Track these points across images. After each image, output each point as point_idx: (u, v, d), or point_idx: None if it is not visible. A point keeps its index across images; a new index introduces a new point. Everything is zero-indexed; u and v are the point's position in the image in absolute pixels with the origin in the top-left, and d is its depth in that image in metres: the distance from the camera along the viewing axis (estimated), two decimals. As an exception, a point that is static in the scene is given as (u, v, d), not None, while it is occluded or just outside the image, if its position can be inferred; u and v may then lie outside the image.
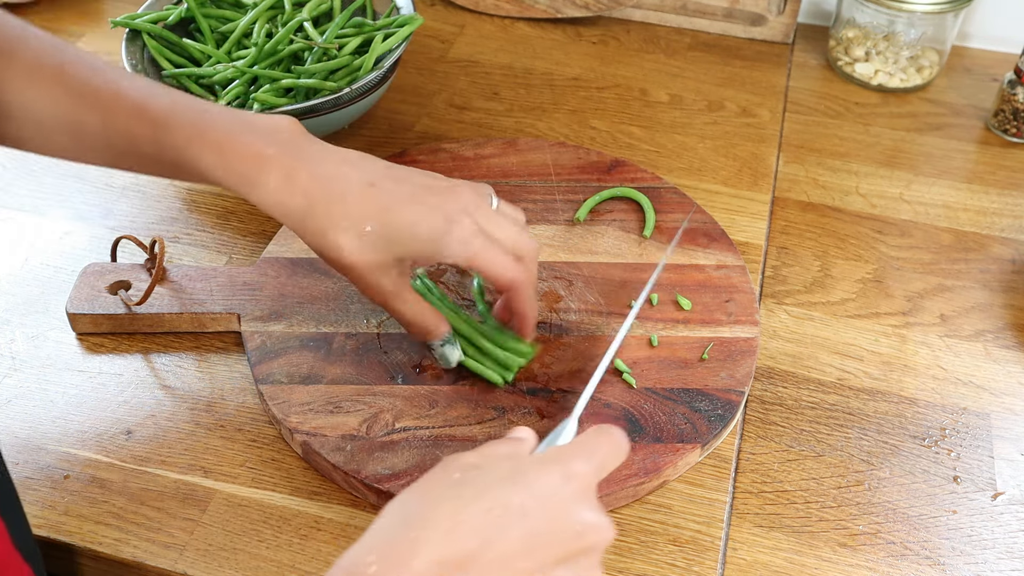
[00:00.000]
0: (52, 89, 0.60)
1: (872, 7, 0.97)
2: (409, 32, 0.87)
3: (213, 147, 0.58)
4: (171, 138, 0.59)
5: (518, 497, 0.44)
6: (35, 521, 0.62)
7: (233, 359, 0.72)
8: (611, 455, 0.49)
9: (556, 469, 0.46)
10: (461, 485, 0.45)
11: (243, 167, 0.58)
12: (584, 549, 0.45)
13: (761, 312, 0.77)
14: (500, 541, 0.43)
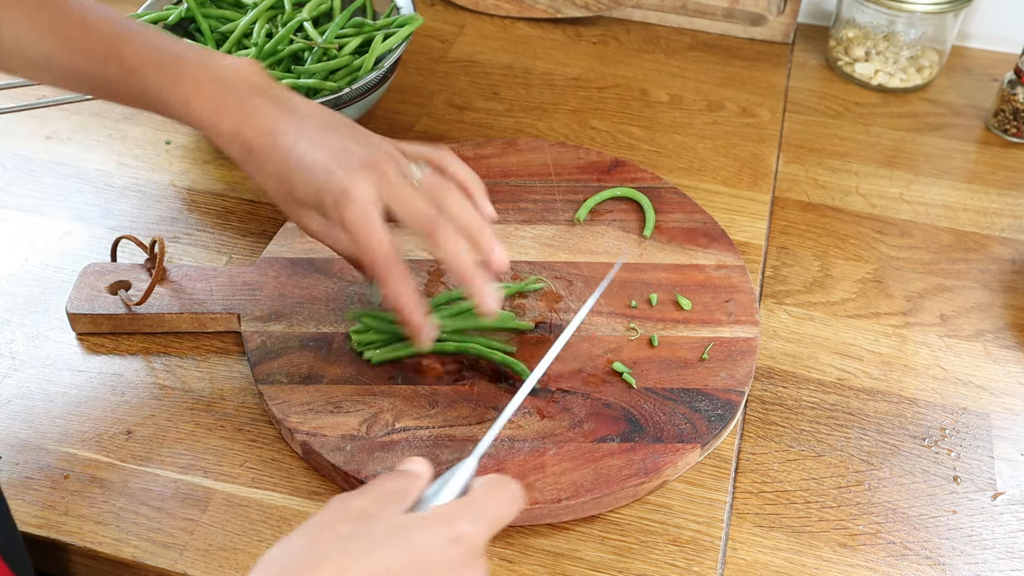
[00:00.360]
0: (36, 23, 0.64)
1: (872, 7, 0.97)
2: (409, 32, 0.87)
3: (181, 98, 0.63)
4: (143, 84, 0.63)
5: (403, 559, 0.44)
6: (35, 521, 0.62)
7: (233, 359, 0.72)
8: (502, 513, 0.48)
9: (442, 532, 0.45)
10: (348, 540, 0.44)
11: (206, 116, 0.63)
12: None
13: (761, 312, 0.77)
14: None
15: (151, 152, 0.90)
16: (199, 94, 0.62)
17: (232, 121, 0.62)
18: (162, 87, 0.63)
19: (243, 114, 0.62)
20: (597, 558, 0.61)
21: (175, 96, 0.63)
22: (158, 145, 0.91)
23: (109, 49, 0.63)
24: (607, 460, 0.63)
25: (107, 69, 0.63)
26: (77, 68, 0.64)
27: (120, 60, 0.63)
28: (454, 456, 0.63)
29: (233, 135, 0.62)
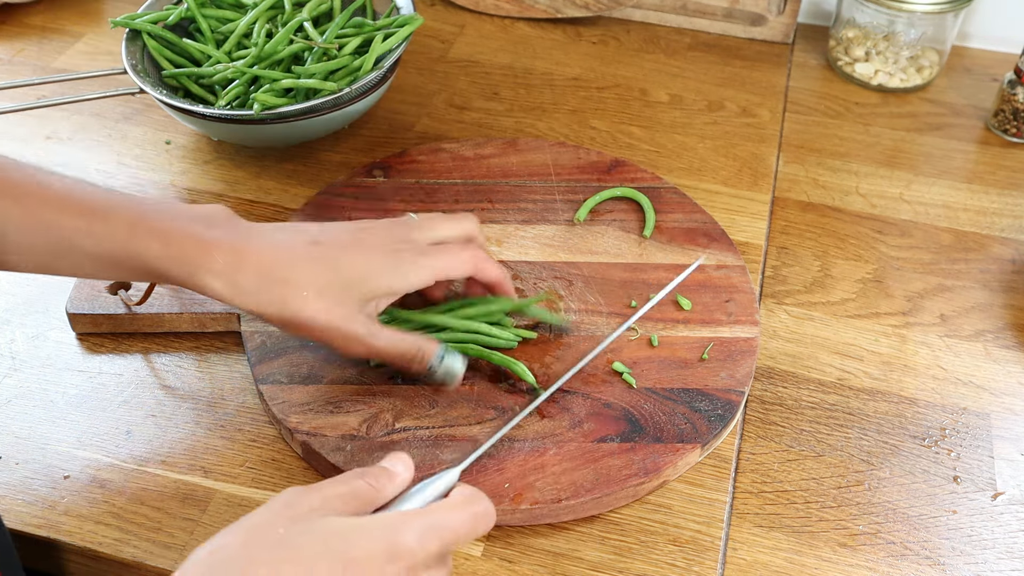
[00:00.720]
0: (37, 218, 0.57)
1: (872, 7, 0.97)
2: (409, 32, 0.87)
3: (158, 235, 0.57)
4: (110, 229, 0.57)
5: (335, 569, 0.43)
6: (35, 521, 0.62)
7: (233, 359, 0.72)
8: (458, 531, 0.47)
9: (381, 545, 0.44)
10: (281, 546, 0.43)
11: (190, 253, 0.57)
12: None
13: (761, 312, 0.77)
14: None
15: (151, 152, 0.90)
16: (178, 232, 0.57)
17: (228, 251, 0.58)
18: (133, 231, 0.57)
19: (242, 240, 0.59)
20: (597, 558, 0.61)
21: (149, 237, 0.57)
22: (158, 145, 0.91)
23: (67, 203, 0.57)
24: (607, 460, 0.63)
25: (69, 223, 0.57)
26: (36, 231, 0.57)
27: (85, 211, 0.57)
28: (454, 456, 0.63)
29: (237, 262, 0.58)
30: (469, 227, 0.67)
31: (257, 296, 0.58)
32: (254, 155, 0.90)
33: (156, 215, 0.58)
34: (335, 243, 0.61)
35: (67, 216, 0.57)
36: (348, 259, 0.60)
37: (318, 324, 0.59)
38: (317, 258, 0.60)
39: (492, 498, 0.60)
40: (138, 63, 0.86)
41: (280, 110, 0.80)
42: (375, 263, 0.61)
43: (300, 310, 0.59)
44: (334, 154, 0.90)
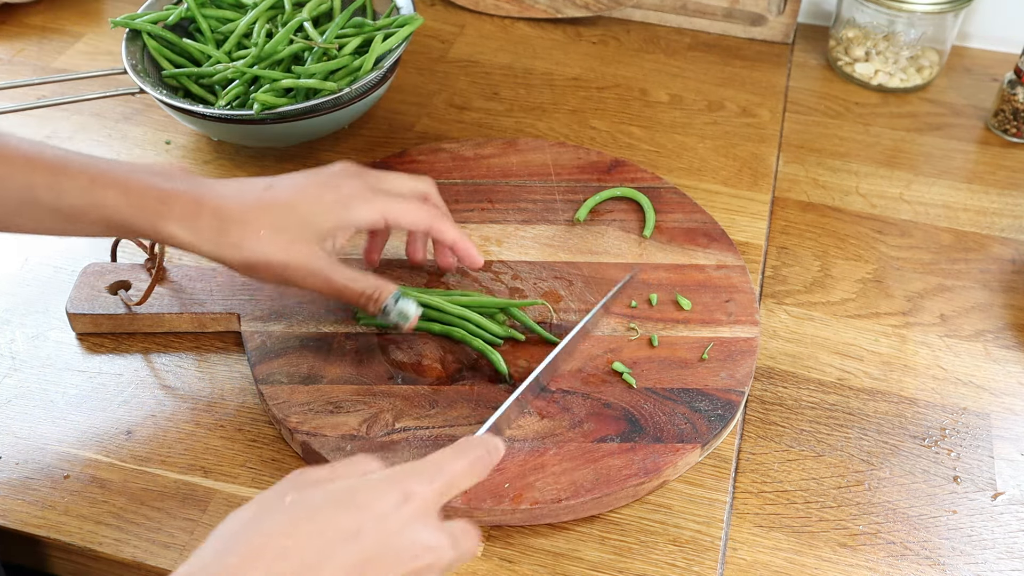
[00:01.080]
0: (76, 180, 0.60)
1: (872, 7, 0.97)
2: (409, 32, 0.87)
3: (118, 186, 0.59)
4: (71, 182, 0.59)
5: (350, 519, 0.44)
6: (35, 521, 0.62)
7: (233, 359, 0.72)
8: (459, 476, 0.49)
9: (391, 490, 0.46)
10: (292, 508, 0.44)
11: (150, 202, 0.60)
12: (420, 569, 0.45)
13: (761, 312, 0.77)
14: (329, 564, 0.42)
15: (151, 152, 0.90)
16: (138, 183, 0.60)
17: (188, 200, 0.60)
18: (94, 181, 0.60)
19: (200, 189, 0.61)
20: (597, 558, 0.61)
21: (109, 186, 0.60)
22: (158, 145, 0.91)
23: (30, 159, 0.60)
24: (607, 460, 0.63)
25: (32, 179, 0.59)
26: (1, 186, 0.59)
27: (47, 166, 0.60)
28: (454, 456, 0.63)
29: (195, 209, 0.60)
30: (423, 186, 0.69)
31: (216, 240, 0.61)
32: (254, 155, 0.90)
33: (116, 169, 0.61)
34: (288, 186, 0.64)
35: (30, 172, 0.59)
36: (301, 198, 0.63)
37: (277, 261, 0.62)
38: (271, 200, 0.62)
39: (492, 498, 0.60)
40: (138, 63, 0.86)
41: (280, 110, 0.80)
42: (327, 200, 0.63)
43: (258, 249, 0.61)
44: (334, 154, 0.90)
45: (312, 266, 0.63)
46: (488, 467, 0.51)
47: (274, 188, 0.63)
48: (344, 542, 0.43)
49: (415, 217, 0.66)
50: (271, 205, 0.62)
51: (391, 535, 0.44)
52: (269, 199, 0.62)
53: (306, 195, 0.63)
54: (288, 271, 0.62)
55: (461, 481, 0.49)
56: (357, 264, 0.74)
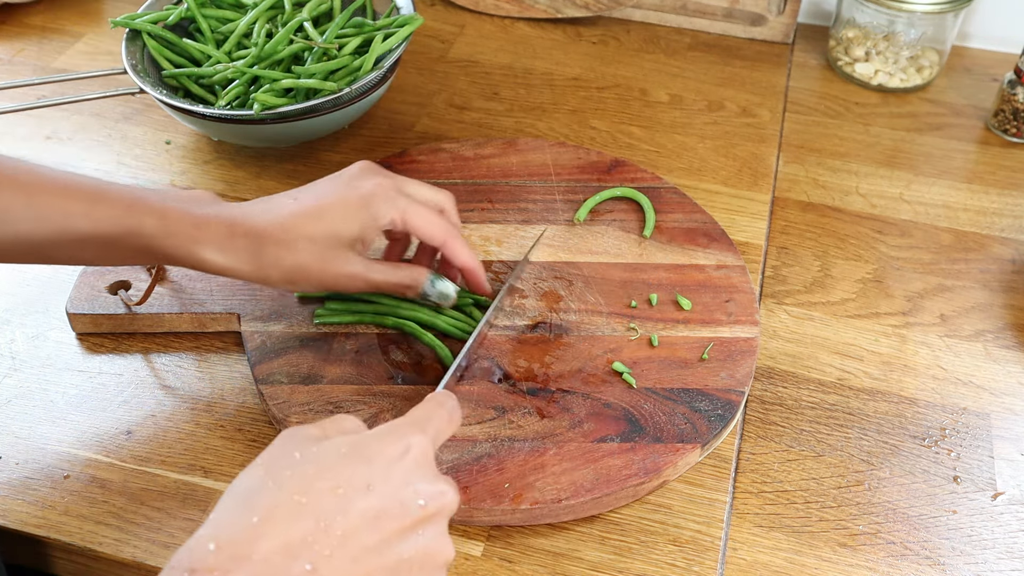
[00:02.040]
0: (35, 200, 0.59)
1: (872, 7, 0.97)
2: (409, 32, 0.87)
3: (154, 213, 0.60)
4: (108, 210, 0.60)
5: (360, 473, 0.45)
6: (35, 521, 0.62)
7: (233, 359, 0.72)
8: (444, 424, 0.52)
9: (393, 442, 0.47)
10: (302, 464, 0.45)
11: (186, 228, 0.61)
12: (428, 517, 0.47)
13: (761, 312, 0.77)
14: (344, 519, 0.44)
15: (151, 152, 0.90)
16: (173, 210, 0.61)
17: (222, 225, 0.61)
18: (130, 209, 0.60)
19: (231, 213, 0.62)
20: (597, 558, 0.61)
21: (145, 213, 0.60)
22: (158, 145, 0.91)
23: (66, 188, 0.60)
24: (607, 460, 0.63)
25: (68, 207, 0.59)
26: (38, 217, 0.59)
27: (83, 195, 0.60)
28: (454, 456, 0.63)
29: (230, 233, 0.61)
30: (442, 199, 0.69)
31: (253, 260, 0.62)
32: (254, 155, 0.90)
33: (151, 197, 0.62)
34: (313, 196, 0.64)
35: (67, 201, 0.60)
36: (326, 206, 0.63)
37: (315, 272, 0.63)
38: (299, 213, 0.63)
39: (492, 498, 0.61)
40: (138, 63, 0.86)
41: (280, 110, 0.80)
42: (351, 202, 0.64)
43: (295, 264, 0.62)
44: (334, 154, 0.90)
45: (349, 270, 0.64)
46: (459, 418, 0.54)
47: (300, 200, 0.64)
48: (357, 496, 0.45)
49: (433, 228, 0.66)
50: (300, 218, 0.62)
51: (399, 485, 0.46)
52: (297, 212, 0.63)
53: (331, 202, 0.63)
54: (327, 278, 0.64)
55: (446, 430, 0.52)
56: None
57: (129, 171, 0.88)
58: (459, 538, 0.62)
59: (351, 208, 0.63)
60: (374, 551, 0.44)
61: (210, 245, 0.61)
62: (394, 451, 0.47)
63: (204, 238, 0.61)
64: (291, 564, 0.42)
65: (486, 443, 0.64)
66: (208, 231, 0.61)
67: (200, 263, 0.62)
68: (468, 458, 0.63)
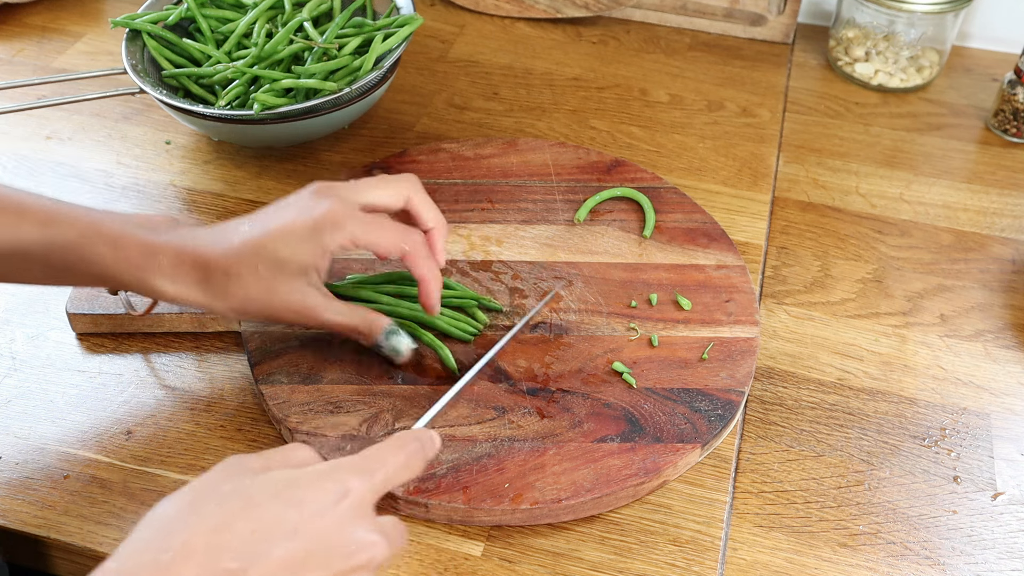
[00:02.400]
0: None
1: (872, 7, 0.97)
2: (409, 32, 0.87)
3: (107, 242, 0.59)
4: (62, 235, 0.59)
5: (287, 515, 0.44)
6: (35, 521, 0.62)
7: (233, 359, 0.72)
8: (396, 470, 0.49)
9: (330, 486, 0.45)
10: (229, 499, 0.44)
11: (136, 257, 0.60)
12: (355, 568, 0.45)
13: (761, 312, 0.77)
14: (264, 562, 0.42)
15: (151, 152, 0.90)
16: (126, 238, 0.60)
17: (171, 253, 0.60)
18: (83, 236, 0.59)
19: (181, 240, 0.61)
20: (597, 558, 0.61)
21: (98, 242, 0.59)
22: (158, 145, 0.91)
23: (21, 210, 0.59)
24: (607, 460, 0.63)
25: (20, 230, 0.58)
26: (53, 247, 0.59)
27: (36, 217, 0.59)
28: (454, 456, 0.63)
29: (178, 261, 0.60)
30: (404, 190, 0.65)
31: (201, 290, 0.61)
32: (254, 155, 0.90)
33: (106, 223, 0.60)
34: (262, 224, 0.62)
35: (19, 222, 0.59)
36: (274, 234, 0.61)
37: (262, 304, 0.62)
38: (247, 241, 0.61)
39: (492, 498, 0.60)
40: (138, 63, 0.86)
41: (280, 110, 0.80)
42: (299, 230, 0.61)
43: (242, 295, 0.61)
44: (334, 154, 0.90)
45: (298, 305, 0.62)
46: (424, 461, 0.51)
47: (251, 228, 0.62)
48: (280, 539, 0.43)
49: (387, 244, 0.63)
50: (246, 246, 0.61)
51: (328, 533, 0.44)
52: (246, 240, 0.61)
53: (279, 230, 0.61)
54: (275, 312, 0.62)
55: (398, 476, 0.49)
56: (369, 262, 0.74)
57: (129, 171, 0.88)
58: (459, 538, 0.62)
59: (298, 236, 0.61)
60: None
61: (160, 274, 0.60)
62: (329, 495, 0.45)
63: (154, 267, 0.60)
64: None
65: (486, 443, 0.64)
66: (158, 260, 0.60)
67: (151, 292, 0.61)
68: (468, 458, 0.63)
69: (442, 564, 0.60)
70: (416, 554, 0.61)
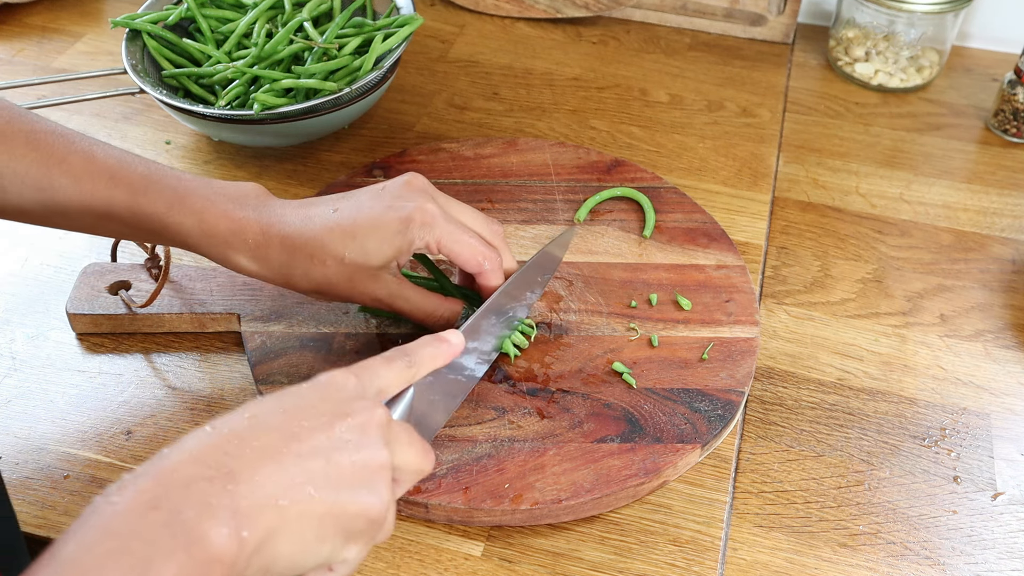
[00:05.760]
0: (25, 154, 0.61)
1: (872, 7, 0.97)
2: (409, 32, 0.87)
3: (193, 213, 0.61)
4: (151, 204, 0.61)
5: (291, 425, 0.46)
6: (35, 521, 0.62)
7: (233, 359, 0.72)
8: (394, 377, 0.52)
9: (332, 385, 0.48)
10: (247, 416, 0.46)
11: (222, 232, 0.61)
12: (356, 425, 0.47)
13: (761, 312, 0.77)
14: (267, 417, 0.45)
15: (151, 152, 0.90)
16: (212, 211, 0.61)
17: (257, 230, 0.61)
18: (171, 207, 0.61)
19: (269, 218, 0.62)
20: (597, 558, 0.61)
21: (185, 214, 0.61)
22: (158, 145, 0.91)
23: (114, 175, 0.61)
24: (607, 460, 0.63)
25: (112, 195, 0.61)
26: (83, 199, 0.61)
27: (128, 184, 0.61)
28: (454, 456, 0.63)
29: (264, 240, 0.61)
30: (487, 230, 0.66)
31: (283, 271, 0.62)
32: (254, 155, 0.90)
33: (193, 194, 0.62)
34: (352, 211, 0.63)
35: (112, 189, 0.61)
36: (363, 225, 0.62)
37: (342, 289, 0.63)
38: (335, 228, 0.62)
39: (492, 499, 0.61)
40: (138, 63, 0.86)
41: (280, 110, 0.80)
42: (388, 224, 0.62)
43: (323, 279, 0.62)
44: (334, 154, 0.90)
45: (376, 292, 0.64)
46: (411, 375, 0.54)
47: (338, 213, 0.62)
48: (275, 401, 0.47)
49: (468, 256, 0.64)
50: (334, 234, 0.61)
51: (325, 396, 0.48)
52: (333, 227, 0.62)
53: (367, 221, 0.62)
54: (355, 296, 0.64)
55: (395, 382, 0.53)
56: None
57: (129, 171, 0.88)
58: (459, 538, 0.62)
59: (387, 231, 0.62)
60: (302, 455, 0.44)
61: (243, 251, 0.62)
62: (312, 388, 0.48)
63: (238, 243, 0.61)
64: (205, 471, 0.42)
65: (486, 443, 0.64)
66: (242, 237, 0.61)
67: (232, 266, 0.63)
68: (468, 458, 0.63)
69: (442, 564, 0.60)
70: (416, 554, 0.61)
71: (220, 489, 0.41)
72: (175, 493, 0.41)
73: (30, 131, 0.61)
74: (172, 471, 0.42)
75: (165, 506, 0.40)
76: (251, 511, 0.42)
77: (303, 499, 0.43)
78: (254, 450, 0.43)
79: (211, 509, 0.41)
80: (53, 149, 0.61)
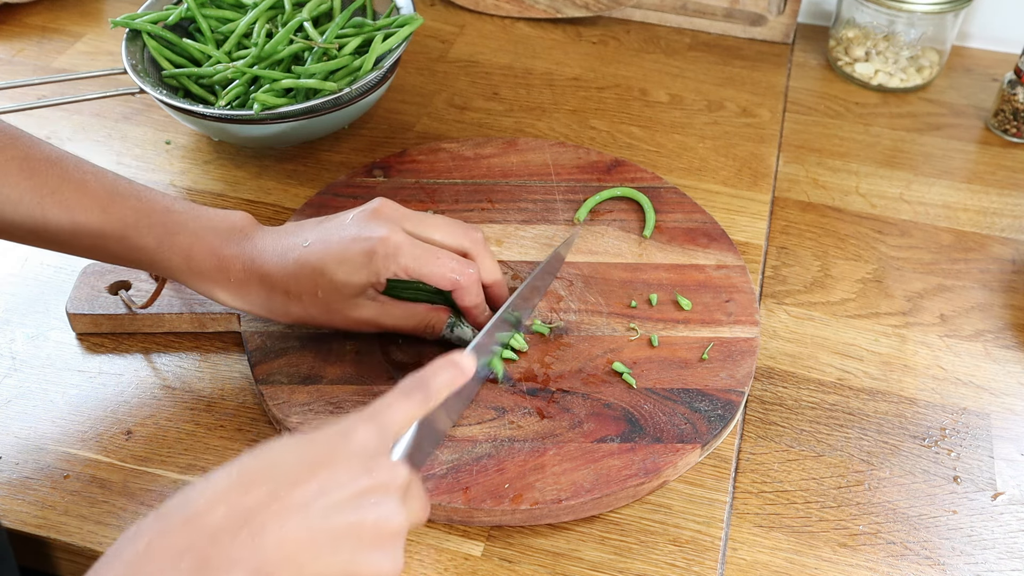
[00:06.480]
0: (18, 182, 0.62)
1: (872, 7, 0.97)
2: (409, 32, 0.87)
3: (181, 251, 0.64)
4: (140, 239, 0.63)
5: (299, 469, 0.46)
6: (35, 521, 0.62)
7: (233, 359, 0.72)
8: (404, 414, 0.50)
9: (340, 433, 0.48)
10: (241, 469, 0.46)
11: (208, 270, 0.64)
12: (376, 487, 0.46)
13: (761, 312, 0.77)
14: (288, 491, 0.45)
15: (151, 152, 0.90)
16: (199, 248, 0.63)
17: (239, 268, 0.63)
18: (160, 244, 0.63)
19: (251, 254, 0.64)
20: (597, 558, 0.61)
21: (173, 251, 0.63)
22: (158, 145, 0.91)
23: (105, 208, 0.63)
24: (607, 460, 0.63)
25: (104, 229, 0.63)
26: (75, 230, 0.63)
27: (119, 218, 0.63)
28: (454, 456, 0.63)
29: (245, 277, 0.63)
30: (466, 241, 0.66)
31: (264, 305, 0.65)
32: (254, 155, 0.90)
33: (182, 230, 0.64)
34: (321, 244, 0.64)
35: (104, 224, 0.63)
36: (331, 259, 0.63)
37: (322, 320, 0.66)
38: (304, 263, 0.63)
39: (492, 499, 0.61)
40: (138, 63, 0.86)
41: (280, 110, 0.80)
42: (354, 256, 0.63)
43: (302, 314, 0.65)
44: (334, 154, 0.90)
45: (358, 317, 0.65)
46: (422, 409, 0.52)
47: (309, 248, 0.63)
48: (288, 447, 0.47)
49: (438, 277, 0.64)
50: (304, 268, 0.63)
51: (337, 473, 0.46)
52: (303, 262, 0.63)
53: (335, 256, 0.63)
54: (336, 323, 0.66)
55: (405, 417, 0.51)
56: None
57: (129, 171, 0.88)
58: (459, 538, 0.62)
59: (352, 264, 0.63)
60: (319, 514, 0.44)
61: (227, 288, 0.64)
62: (338, 439, 0.47)
63: (222, 280, 0.64)
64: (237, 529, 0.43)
65: (486, 443, 0.64)
66: (226, 275, 0.64)
67: (218, 301, 0.65)
68: (468, 458, 0.63)
69: (442, 564, 0.60)
70: (416, 554, 0.61)
71: (246, 542, 0.42)
72: (200, 543, 0.42)
73: (24, 157, 0.62)
74: (198, 518, 0.43)
75: (189, 557, 0.41)
76: (272, 568, 0.43)
77: (323, 559, 0.44)
78: (281, 504, 0.44)
79: (235, 564, 0.42)
80: (47, 178, 0.62)
